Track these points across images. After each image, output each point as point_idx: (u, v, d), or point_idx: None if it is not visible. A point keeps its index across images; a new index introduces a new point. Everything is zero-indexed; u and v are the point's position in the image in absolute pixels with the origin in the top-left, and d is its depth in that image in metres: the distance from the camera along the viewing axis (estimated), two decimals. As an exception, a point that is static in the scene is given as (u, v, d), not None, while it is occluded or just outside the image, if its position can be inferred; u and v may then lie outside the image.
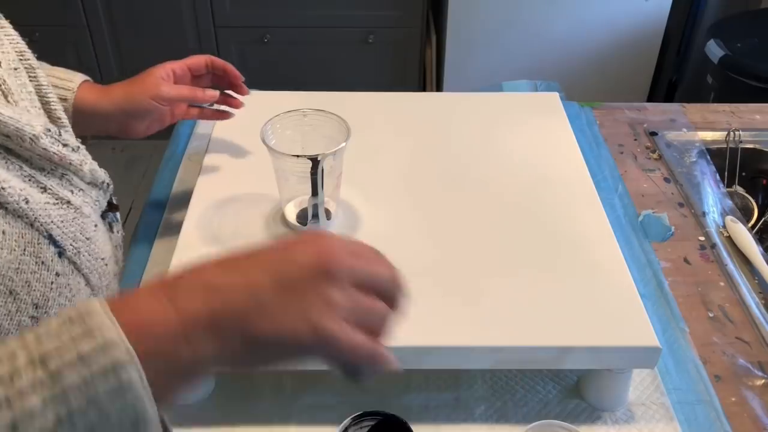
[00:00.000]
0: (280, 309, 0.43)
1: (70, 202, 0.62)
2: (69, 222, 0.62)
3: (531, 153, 0.97)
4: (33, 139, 0.58)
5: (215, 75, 0.91)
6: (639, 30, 2.20)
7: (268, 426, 0.73)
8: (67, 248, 0.61)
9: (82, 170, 0.64)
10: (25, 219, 0.56)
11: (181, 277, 0.44)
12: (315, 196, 0.79)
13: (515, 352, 0.71)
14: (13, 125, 0.56)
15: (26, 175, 0.59)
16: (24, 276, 0.56)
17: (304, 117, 0.82)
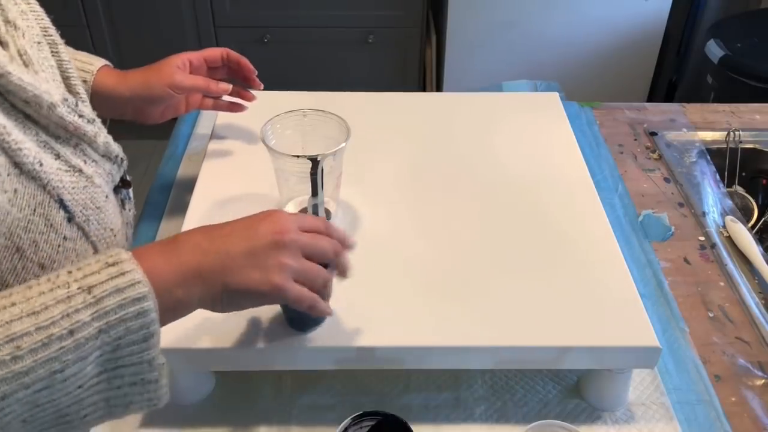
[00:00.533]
0: (246, 269, 0.59)
1: (82, 171, 0.66)
2: (80, 190, 0.65)
3: (531, 153, 0.97)
4: (50, 107, 0.61)
5: (230, 68, 0.93)
6: (639, 30, 2.20)
7: (268, 426, 0.73)
8: (76, 214, 0.64)
9: (95, 142, 0.68)
10: (38, 181, 0.60)
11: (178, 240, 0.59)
12: (315, 196, 0.79)
13: (515, 352, 0.71)
14: (32, 91, 0.59)
15: (42, 141, 0.62)
16: (32, 236, 0.60)
17: (304, 117, 0.82)
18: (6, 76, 0.57)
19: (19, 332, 0.49)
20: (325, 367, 0.72)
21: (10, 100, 0.59)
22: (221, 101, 0.95)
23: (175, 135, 1.13)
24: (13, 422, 0.50)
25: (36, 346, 0.49)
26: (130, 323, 0.52)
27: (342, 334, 0.70)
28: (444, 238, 0.82)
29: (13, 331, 0.48)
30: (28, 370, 0.49)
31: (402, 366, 0.72)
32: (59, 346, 0.50)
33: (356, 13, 2.27)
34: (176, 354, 0.70)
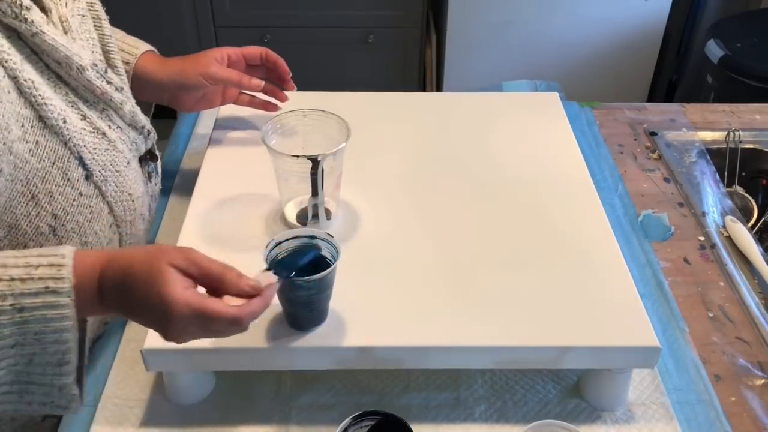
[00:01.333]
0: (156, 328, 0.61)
1: (105, 134, 0.70)
2: (101, 151, 0.70)
3: (531, 153, 0.97)
4: (79, 69, 0.67)
5: (268, 68, 0.95)
6: (639, 30, 2.20)
7: (268, 426, 0.73)
8: (95, 173, 0.69)
9: (121, 109, 0.73)
10: (60, 137, 0.65)
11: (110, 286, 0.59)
12: (315, 196, 0.79)
13: (515, 352, 0.71)
14: (64, 52, 0.65)
15: (70, 101, 0.68)
16: (48, 186, 0.64)
17: (304, 117, 0.82)
18: (40, 35, 0.63)
19: None
20: (325, 367, 0.72)
21: (45, 60, 0.65)
22: (256, 99, 0.96)
23: (175, 135, 1.13)
24: None
25: None
26: (48, 346, 0.56)
27: (342, 334, 0.70)
28: (444, 238, 0.82)
29: None
30: None
31: (402, 366, 0.72)
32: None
33: (356, 13, 2.27)
34: (176, 354, 0.70)
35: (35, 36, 0.63)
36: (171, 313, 0.57)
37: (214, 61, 0.88)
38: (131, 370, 0.78)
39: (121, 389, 0.76)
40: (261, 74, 0.94)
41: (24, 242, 0.64)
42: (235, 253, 0.79)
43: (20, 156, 0.61)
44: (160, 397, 0.75)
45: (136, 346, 0.79)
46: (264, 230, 0.83)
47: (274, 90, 0.96)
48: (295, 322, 0.71)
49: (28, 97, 0.62)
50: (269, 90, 0.95)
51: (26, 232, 0.64)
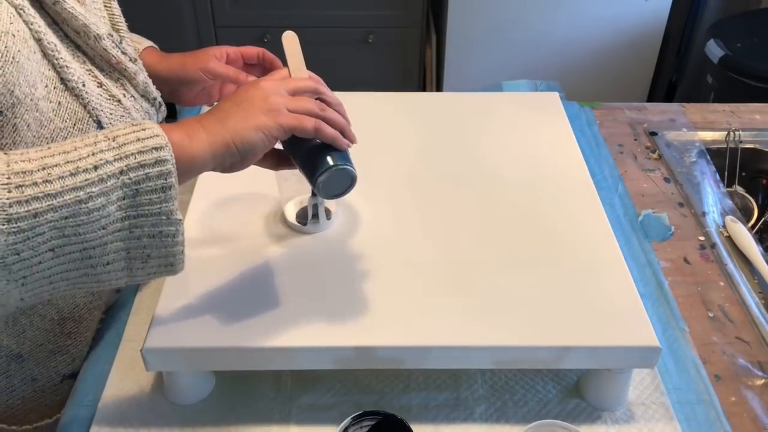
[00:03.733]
0: (246, 115, 0.64)
1: (121, 102, 0.74)
2: (117, 117, 0.73)
3: (531, 153, 0.97)
4: (96, 38, 0.70)
5: (264, 68, 0.97)
6: (639, 30, 2.20)
7: (268, 426, 0.73)
8: None
9: (135, 79, 0.77)
10: (80, 99, 0.69)
11: (191, 124, 0.63)
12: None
13: (515, 352, 0.71)
14: (82, 20, 0.68)
15: (87, 69, 0.71)
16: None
17: (304, 117, 0.82)
18: (61, 3, 0.66)
19: (51, 163, 0.55)
20: (325, 367, 0.72)
21: (63, 28, 0.68)
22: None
23: (175, 135, 1.13)
24: (42, 248, 0.56)
25: (64, 174, 0.55)
26: (149, 170, 0.57)
27: (342, 334, 0.70)
28: (444, 238, 0.82)
29: (46, 162, 0.55)
30: (56, 193, 0.55)
31: (402, 366, 0.72)
32: (84, 178, 0.56)
33: (356, 13, 2.27)
34: (176, 354, 0.70)
35: (56, 4, 0.66)
36: (262, 87, 0.65)
37: (214, 58, 0.89)
38: (131, 370, 0.78)
39: (121, 389, 0.76)
40: (257, 73, 0.95)
41: None
42: (235, 253, 0.79)
43: (45, 114, 0.65)
44: (160, 397, 0.75)
45: (136, 346, 0.79)
46: (264, 230, 0.83)
47: None
48: (318, 164, 0.68)
49: (51, 59, 0.65)
50: None
51: None
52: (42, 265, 0.56)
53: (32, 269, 0.56)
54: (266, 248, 0.80)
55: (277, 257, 0.79)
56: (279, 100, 0.65)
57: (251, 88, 0.66)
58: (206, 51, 0.91)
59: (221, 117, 0.63)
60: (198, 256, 0.79)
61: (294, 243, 0.81)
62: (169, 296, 0.73)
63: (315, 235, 0.82)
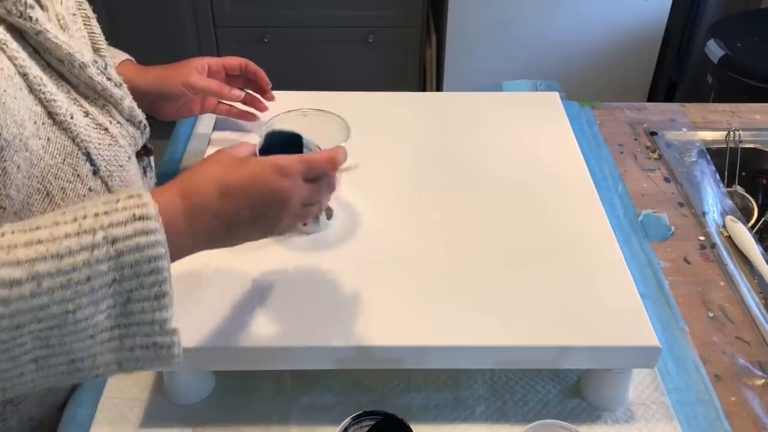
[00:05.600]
0: (256, 236, 0.64)
1: (108, 130, 0.71)
2: (105, 146, 0.70)
3: (531, 153, 0.97)
4: (81, 66, 0.67)
5: (247, 78, 0.96)
6: (639, 30, 2.20)
7: (267, 426, 0.73)
8: (101, 168, 0.69)
9: (121, 104, 0.73)
10: (69, 133, 0.65)
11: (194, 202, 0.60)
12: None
13: (515, 352, 0.71)
14: (66, 50, 0.65)
15: (72, 98, 0.68)
16: (60, 183, 0.65)
17: (304, 117, 0.82)
18: (44, 33, 0.63)
19: (43, 272, 0.50)
20: (325, 367, 0.72)
21: (46, 58, 0.65)
22: (234, 108, 0.97)
23: (175, 135, 1.13)
24: (24, 359, 0.52)
25: (55, 287, 0.51)
26: (144, 278, 0.54)
27: (342, 334, 0.70)
28: (444, 238, 0.82)
29: (36, 270, 0.50)
30: (43, 305, 0.51)
31: (402, 366, 0.72)
32: (76, 290, 0.51)
33: (356, 13, 2.27)
34: (176, 354, 0.70)
35: (39, 34, 0.62)
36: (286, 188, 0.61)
37: (195, 71, 0.88)
38: (131, 370, 0.78)
39: (121, 389, 0.76)
40: (240, 84, 0.95)
41: None
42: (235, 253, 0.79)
43: (35, 152, 0.62)
44: (160, 397, 0.75)
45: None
46: (264, 230, 0.82)
47: (254, 100, 0.97)
48: None
49: (37, 94, 0.62)
50: (248, 100, 0.96)
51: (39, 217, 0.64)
52: (24, 376, 0.53)
53: (13, 381, 0.53)
54: (266, 248, 0.80)
55: (277, 257, 0.79)
56: (294, 220, 0.64)
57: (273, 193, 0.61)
58: (187, 64, 0.89)
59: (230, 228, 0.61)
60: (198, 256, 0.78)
61: (294, 243, 0.81)
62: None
63: (315, 235, 0.82)
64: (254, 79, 0.96)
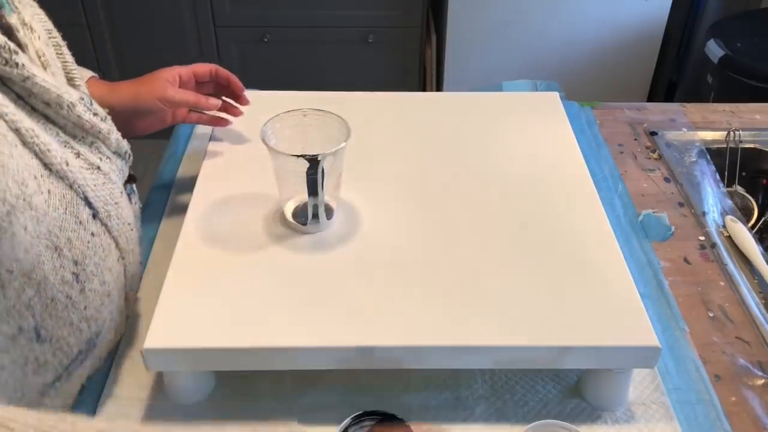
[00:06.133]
0: None
1: (100, 168, 0.68)
2: (100, 186, 0.68)
3: (531, 153, 0.97)
4: (69, 107, 0.64)
5: (218, 84, 0.94)
6: (639, 30, 2.20)
7: (268, 426, 0.73)
8: (99, 210, 0.67)
9: (109, 139, 0.70)
10: (66, 180, 0.62)
11: None
12: (314, 196, 0.79)
13: (515, 352, 0.71)
14: (55, 92, 0.62)
15: (62, 141, 0.64)
16: (66, 234, 0.62)
17: (304, 117, 0.82)
18: (32, 78, 0.59)
19: None
20: (325, 367, 0.72)
21: (31, 102, 0.61)
22: (205, 116, 0.95)
23: (175, 135, 1.13)
24: None
25: None
26: None
27: (342, 334, 0.70)
28: (444, 238, 0.82)
29: None
30: None
31: (402, 366, 0.72)
32: None
33: (356, 13, 2.27)
34: (176, 354, 0.70)
35: (26, 80, 0.59)
36: None
37: (168, 84, 0.86)
38: (131, 370, 0.78)
39: (121, 389, 0.76)
40: (209, 89, 0.94)
41: (52, 295, 0.62)
42: (235, 253, 0.79)
43: (39, 209, 0.59)
44: (160, 397, 0.75)
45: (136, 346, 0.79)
46: (264, 230, 0.83)
47: (227, 106, 0.96)
48: None
49: (31, 147, 0.59)
50: (223, 107, 0.95)
51: (54, 284, 0.62)
52: None
53: None
54: (266, 248, 0.80)
55: (277, 257, 0.79)
56: None
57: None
58: (158, 77, 0.87)
59: None
60: (198, 256, 0.79)
61: (294, 243, 0.81)
62: (169, 296, 0.73)
63: (315, 235, 0.82)
64: (226, 85, 0.94)
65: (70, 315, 0.65)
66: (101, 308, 0.69)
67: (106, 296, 0.70)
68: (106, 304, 0.70)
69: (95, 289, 0.67)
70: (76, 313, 0.65)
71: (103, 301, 0.69)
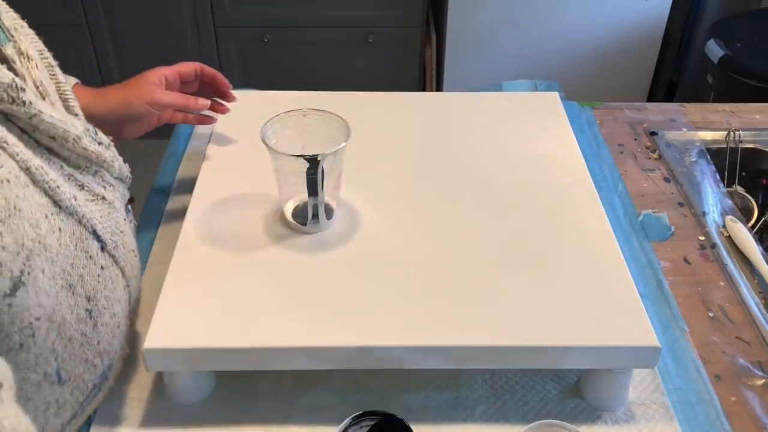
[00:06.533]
0: None
1: (105, 198, 0.67)
2: (106, 217, 0.66)
3: (531, 153, 0.97)
4: (76, 140, 0.62)
5: (203, 82, 0.93)
6: (639, 30, 2.20)
7: (267, 426, 0.73)
8: (107, 242, 0.66)
9: (113, 166, 0.69)
10: (75, 216, 0.61)
11: None
12: (314, 196, 0.79)
13: (515, 352, 0.71)
14: (62, 127, 0.60)
15: (66, 174, 0.62)
16: (78, 270, 0.61)
17: (304, 117, 0.82)
18: (39, 115, 0.57)
19: None
20: (325, 367, 0.72)
21: (35, 137, 0.59)
22: (191, 115, 0.94)
23: (175, 135, 1.13)
24: None
25: None
26: None
27: (342, 334, 0.70)
28: (444, 238, 0.82)
29: None
30: None
31: (402, 366, 0.72)
32: None
33: (356, 13, 2.27)
34: (176, 354, 0.70)
35: (33, 117, 0.57)
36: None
37: (156, 87, 0.85)
38: (131, 369, 0.78)
39: (121, 389, 0.76)
40: (194, 88, 0.93)
41: (70, 335, 0.61)
42: (235, 253, 0.79)
43: (53, 249, 0.57)
44: (160, 397, 0.75)
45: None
46: (264, 230, 0.83)
47: (213, 104, 0.95)
48: None
49: (41, 185, 0.57)
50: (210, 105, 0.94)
51: (71, 323, 0.61)
52: None
53: None
54: (266, 248, 0.80)
55: (277, 257, 0.79)
56: None
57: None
58: (145, 80, 0.86)
59: None
60: (198, 256, 0.79)
61: (294, 243, 0.81)
62: (169, 296, 0.73)
63: (315, 235, 0.82)
64: (212, 83, 0.93)
65: (85, 352, 0.64)
66: (112, 340, 0.69)
67: (116, 328, 0.69)
68: (117, 335, 0.70)
69: (107, 323, 0.66)
70: (90, 349, 0.64)
71: (114, 333, 0.69)
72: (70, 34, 2.26)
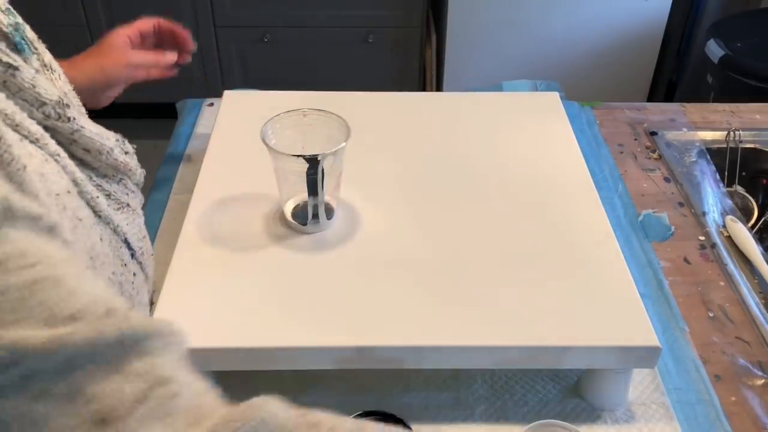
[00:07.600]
0: None
1: (129, 205, 0.67)
2: (132, 224, 0.66)
3: (531, 153, 0.97)
4: (109, 152, 0.62)
5: (161, 35, 0.96)
6: (639, 30, 2.20)
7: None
8: (136, 250, 0.66)
9: (135, 174, 0.69)
10: (110, 225, 0.61)
11: None
12: (314, 196, 0.79)
13: (515, 352, 0.71)
14: (99, 141, 0.60)
15: (95, 185, 0.62)
16: (118, 278, 0.61)
17: (304, 117, 0.82)
18: (80, 131, 0.58)
19: None
20: (326, 367, 0.72)
21: (71, 149, 0.59)
22: (152, 69, 0.94)
23: (175, 135, 1.13)
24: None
25: None
26: None
27: (342, 334, 0.70)
28: (444, 238, 0.82)
29: None
30: None
31: (402, 366, 0.72)
32: None
33: (356, 13, 2.27)
34: (176, 354, 0.70)
35: (75, 133, 0.58)
36: None
37: (127, 49, 0.86)
38: (131, 370, 0.78)
39: (121, 389, 0.76)
40: (151, 43, 0.95)
41: None
42: (235, 253, 0.79)
43: (101, 259, 0.58)
44: (160, 397, 0.75)
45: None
46: (264, 230, 0.83)
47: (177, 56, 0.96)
48: None
49: (84, 196, 0.57)
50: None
51: None
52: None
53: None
54: (266, 248, 0.80)
55: (277, 257, 0.79)
56: None
57: None
58: (111, 45, 0.86)
59: None
60: (198, 256, 0.79)
61: (294, 243, 0.81)
62: (169, 296, 0.73)
63: (315, 235, 0.82)
64: (172, 35, 0.94)
65: None
66: None
67: None
68: None
69: None
70: None
71: None
72: (70, 34, 2.26)
